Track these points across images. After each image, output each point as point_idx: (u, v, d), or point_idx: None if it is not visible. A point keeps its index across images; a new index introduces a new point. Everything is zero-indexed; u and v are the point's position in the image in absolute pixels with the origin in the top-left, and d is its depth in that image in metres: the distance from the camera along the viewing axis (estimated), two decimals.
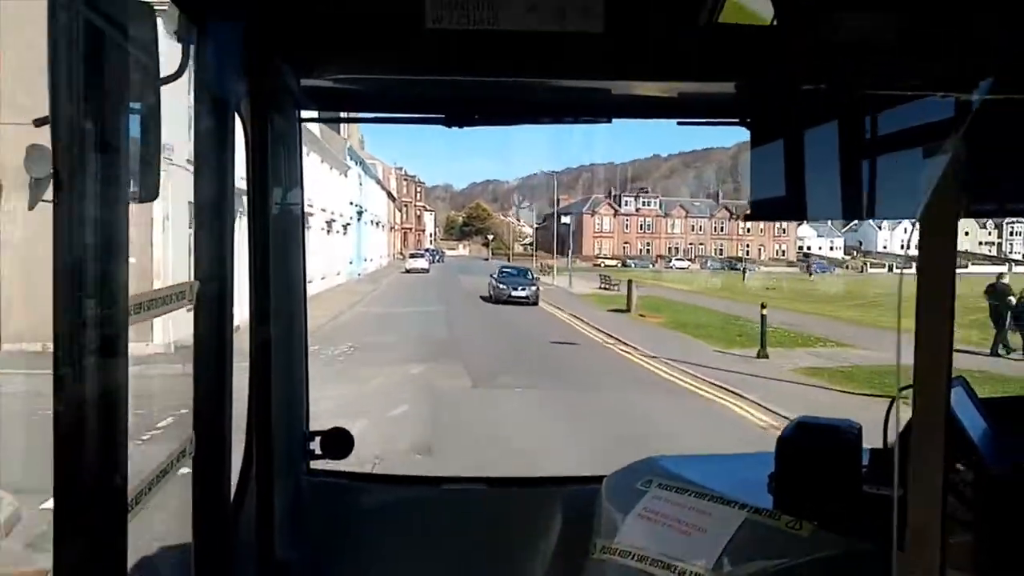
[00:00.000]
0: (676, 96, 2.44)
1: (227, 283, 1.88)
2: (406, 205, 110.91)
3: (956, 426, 1.82)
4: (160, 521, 1.82)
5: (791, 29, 2.04)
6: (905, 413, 2.13)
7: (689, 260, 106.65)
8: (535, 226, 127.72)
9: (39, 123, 1.23)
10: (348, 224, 47.37)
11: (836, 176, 2.33)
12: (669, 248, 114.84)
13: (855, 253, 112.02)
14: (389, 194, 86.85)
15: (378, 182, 71.86)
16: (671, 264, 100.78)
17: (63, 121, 1.15)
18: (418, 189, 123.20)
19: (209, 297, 1.83)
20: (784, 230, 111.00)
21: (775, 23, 2.08)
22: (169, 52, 1.56)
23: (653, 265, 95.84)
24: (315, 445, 2.63)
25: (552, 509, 2.62)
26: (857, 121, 2.24)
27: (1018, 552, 1.81)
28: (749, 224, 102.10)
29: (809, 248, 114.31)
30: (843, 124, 2.28)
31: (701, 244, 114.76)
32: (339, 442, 2.65)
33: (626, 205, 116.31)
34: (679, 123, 2.72)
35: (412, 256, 72.45)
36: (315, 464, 2.67)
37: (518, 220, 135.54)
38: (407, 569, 2.57)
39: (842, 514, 2.02)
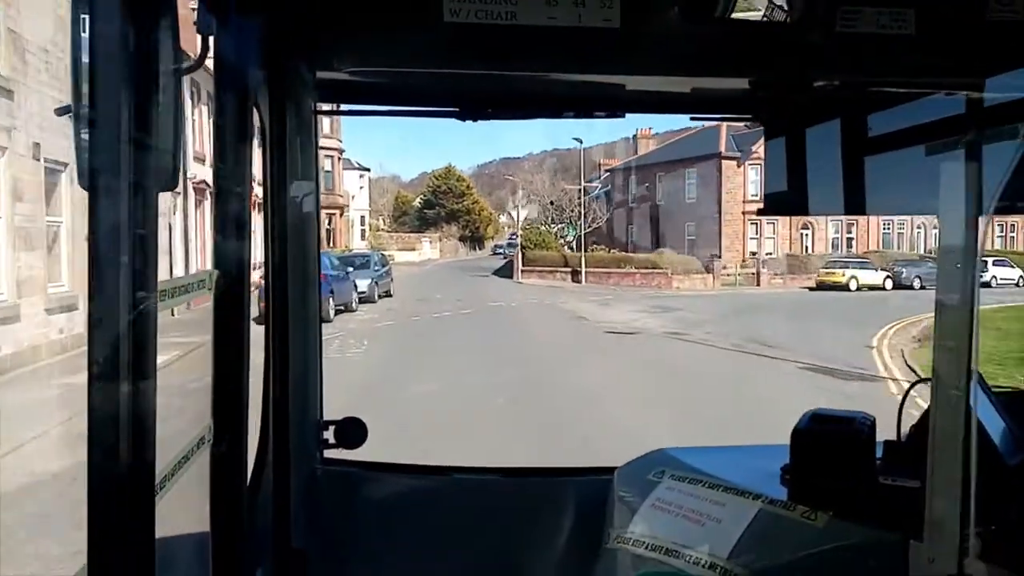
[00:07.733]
0: (690, 91, 2.45)
1: (245, 272, 1.90)
2: None
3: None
4: (178, 508, 1.83)
5: (805, 24, 2.05)
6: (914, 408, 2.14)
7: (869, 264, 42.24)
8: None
9: (60, 112, 1.25)
10: None
11: (853, 171, 2.34)
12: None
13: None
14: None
15: None
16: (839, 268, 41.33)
17: (96, 111, 1.16)
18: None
19: (227, 285, 1.85)
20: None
21: (789, 19, 2.10)
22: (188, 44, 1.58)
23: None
24: (328, 435, 2.65)
25: (565, 499, 2.64)
26: (872, 116, 2.25)
27: None
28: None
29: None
30: (858, 119, 2.29)
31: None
32: (353, 431, 2.67)
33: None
34: (692, 118, 2.74)
35: None
36: (328, 453, 2.69)
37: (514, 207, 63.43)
38: (420, 557, 2.59)
39: (857, 505, 2.03)
